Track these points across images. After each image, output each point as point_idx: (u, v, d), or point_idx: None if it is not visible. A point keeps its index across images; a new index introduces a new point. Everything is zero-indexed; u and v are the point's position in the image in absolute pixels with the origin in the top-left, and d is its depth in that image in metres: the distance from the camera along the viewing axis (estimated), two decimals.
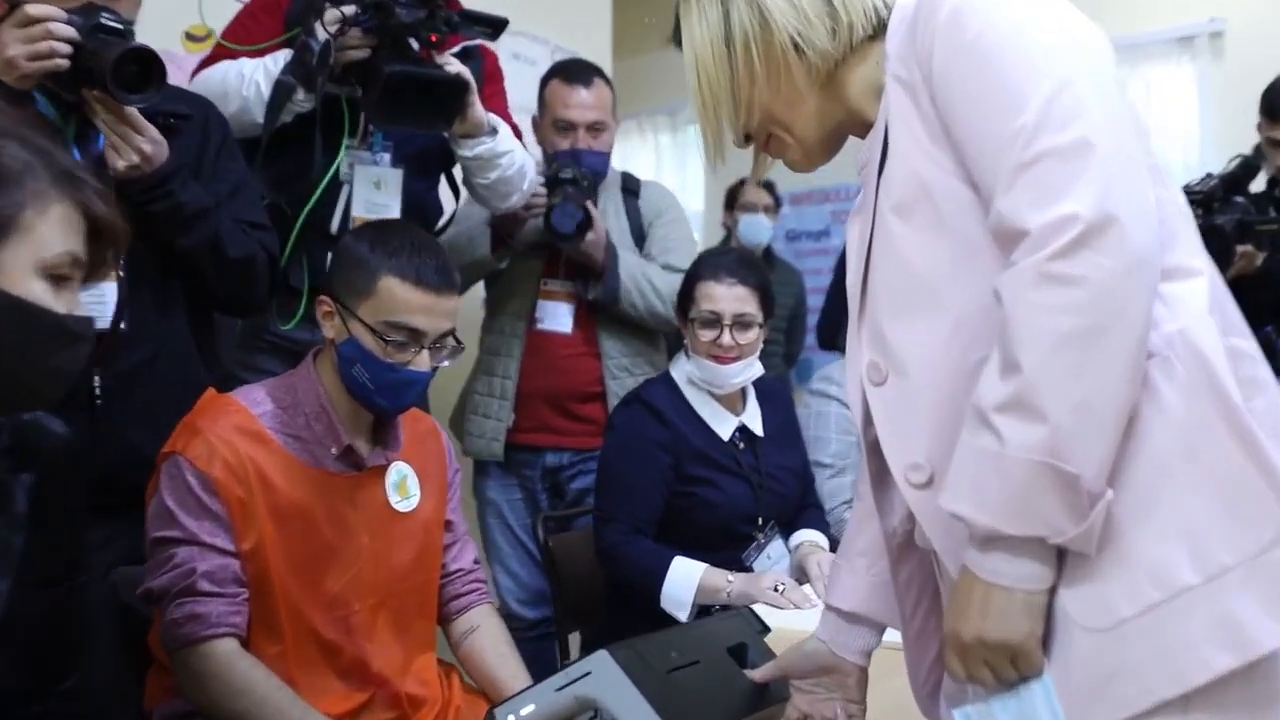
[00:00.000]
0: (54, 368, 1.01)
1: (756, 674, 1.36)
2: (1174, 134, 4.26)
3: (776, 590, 2.02)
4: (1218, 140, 3.93)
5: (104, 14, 1.64)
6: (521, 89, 3.01)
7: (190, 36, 2.77)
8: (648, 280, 2.61)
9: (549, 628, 2.56)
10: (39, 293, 0.99)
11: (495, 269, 2.71)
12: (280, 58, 2.14)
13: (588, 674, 1.27)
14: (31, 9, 1.58)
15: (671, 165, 5.78)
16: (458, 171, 2.43)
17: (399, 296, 1.60)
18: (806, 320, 4.26)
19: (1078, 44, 0.97)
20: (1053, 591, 0.94)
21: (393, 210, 2.26)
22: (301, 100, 2.13)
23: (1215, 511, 0.90)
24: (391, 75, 2.02)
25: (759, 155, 1.24)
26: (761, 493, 2.22)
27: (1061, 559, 0.94)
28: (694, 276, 2.25)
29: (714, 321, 2.19)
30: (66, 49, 1.60)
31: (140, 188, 1.71)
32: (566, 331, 2.67)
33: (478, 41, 2.32)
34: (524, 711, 1.32)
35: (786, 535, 2.27)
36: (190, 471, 1.55)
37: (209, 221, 1.80)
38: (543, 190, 2.54)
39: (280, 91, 2.12)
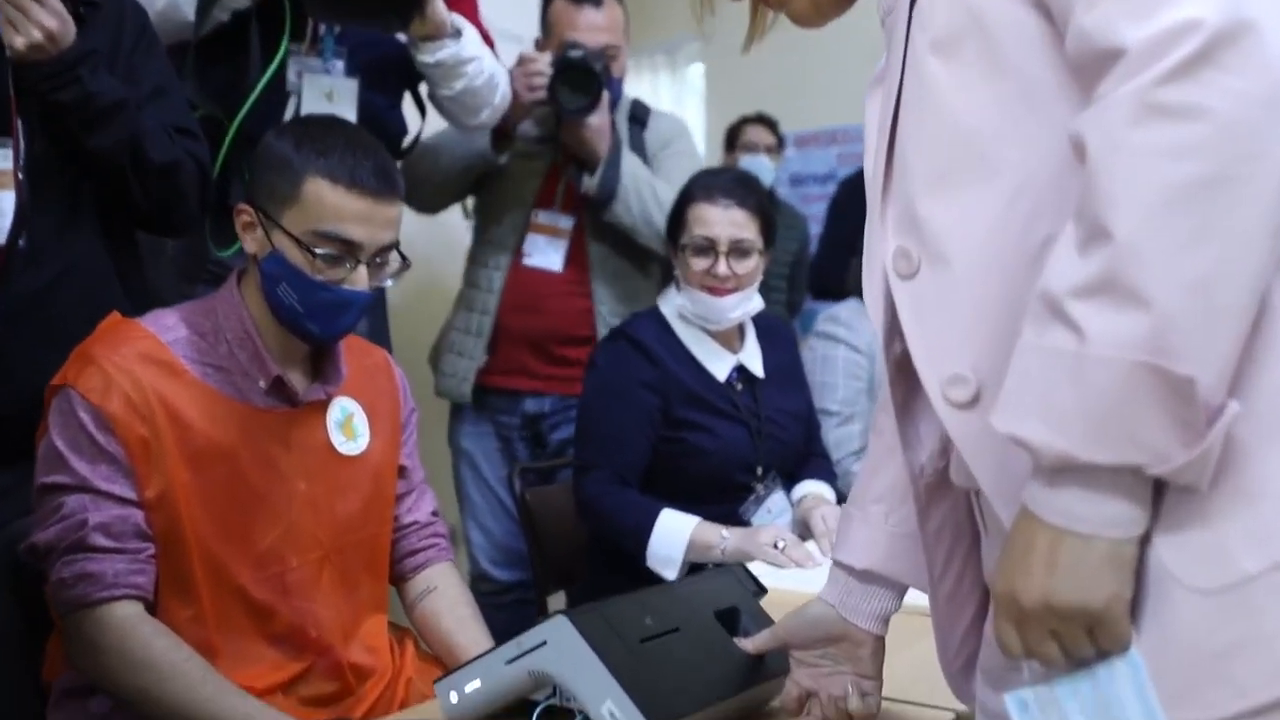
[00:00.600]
0: None
1: (749, 643, 1.14)
2: None
3: (776, 547, 1.82)
4: None
5: None
6: (508, 8, 2.79)
7: None
8: (649, 185, 2.42)
9: (526, 592, 2.38)
10: None
11: (495, 166, 2.48)
12: None
13: (543, 644, 1.05)
14: None
15: (670, 105, 5.57)
16: (424, 87, 2.22)
17: (329, 202, 1.37)
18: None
19: None
20: (1146, 541, 0.71)
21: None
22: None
23: None
24: None
25: (756, 9, 1.00)
26: (760, 439, 2.02)
27: (1159, 497, 0.70)
28: (686, 198, 2.03)
29: (708, 248, 1.97)
30: None
31: (44, 72, 1.52)
32: (556, 270, 2.48)
33: None
34: (468, 688, 1.11)
35: (788, 487, 2.08)
36: (83, 407, 1.32)
37: (125, 118, 1.60)
38: (546, 70, 2.34)
39: None
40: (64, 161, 1.59)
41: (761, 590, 1.28)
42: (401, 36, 2.10)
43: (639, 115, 2.59)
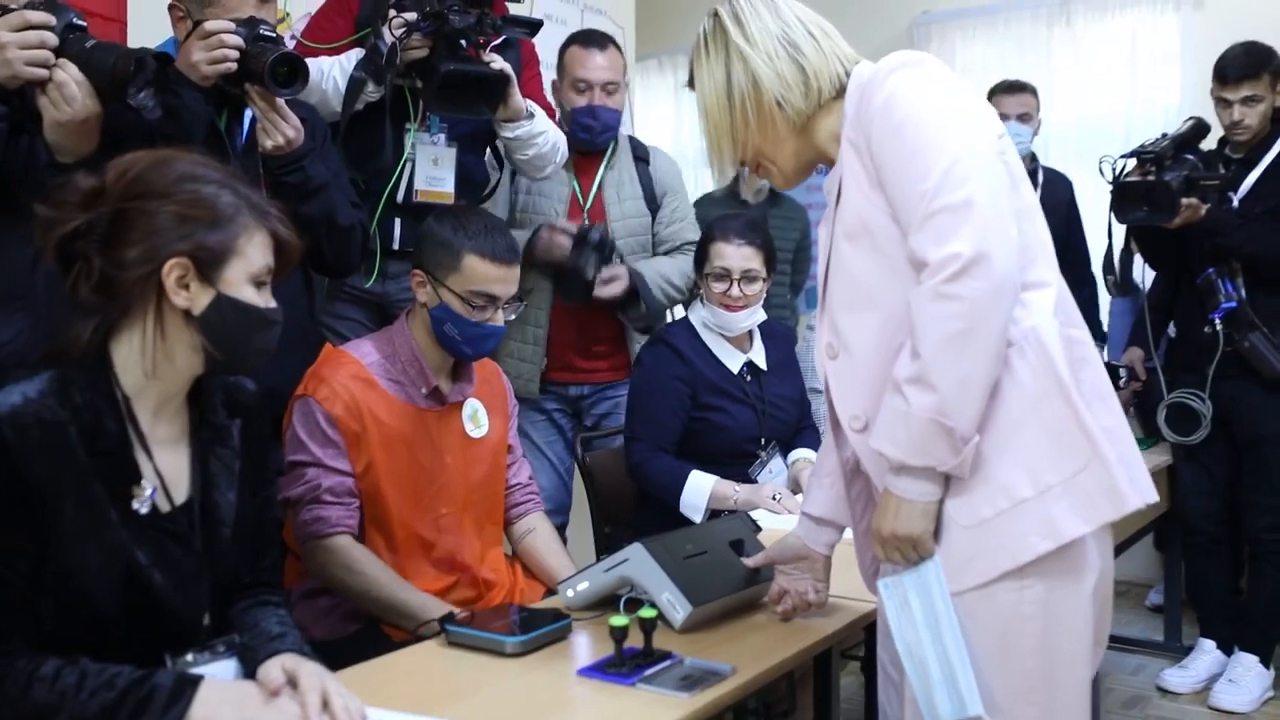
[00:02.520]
0: (261, 347, 1.46)
1: (750, 561, 1.83)
2: (1157, 83, 4.56)
3: (774, 499, 2.48)
4: (1197, 89, 4.22)
5: (262, 25, 2.06)
6: (555, 47, 3.36)
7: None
8: (669, 283, 3.00)
9: (564, 533, 2.98)
10: (251, 296, 1.42)
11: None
12: (353, 56, 2.52)
13: (626, 560, 1.74)
14: (210, 25, 2.00)
15: (689, 102, 6.03)
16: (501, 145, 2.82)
17: (480, 271, 2.05)
18: (810, 251, 4.61)
19: (968, 128, 1.39)
20: (941, 503, 1.39)
21: (448, 182, 2.66)
22: (371, 92, 2.52)
23: (1047, 450, 1.35)
24: (446, 72, 2.42)
25: (750, 174, 1.66)
26: (764, 418, 2.67)
27: (947, 482, 1.39)
28: (708, 238, 2.67)
29: (725, 276, 2.61)
30: (236, 55, 2.00)
31: (280, 163, 2.11)
32: None
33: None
34: (579, 587, 1.80)
35: (785, 453, 2.72)
36: (318, 410, 2.02)
37: (326, 195, 2.21)
38: (567, 239, 2.90)
39: (354, 86, 2.50)
40: None
41: (758, 529, 1.97)
42: None
43: (640, 154, 3.13)
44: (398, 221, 2.62)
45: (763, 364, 2.73)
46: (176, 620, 1.41)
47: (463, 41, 2.47)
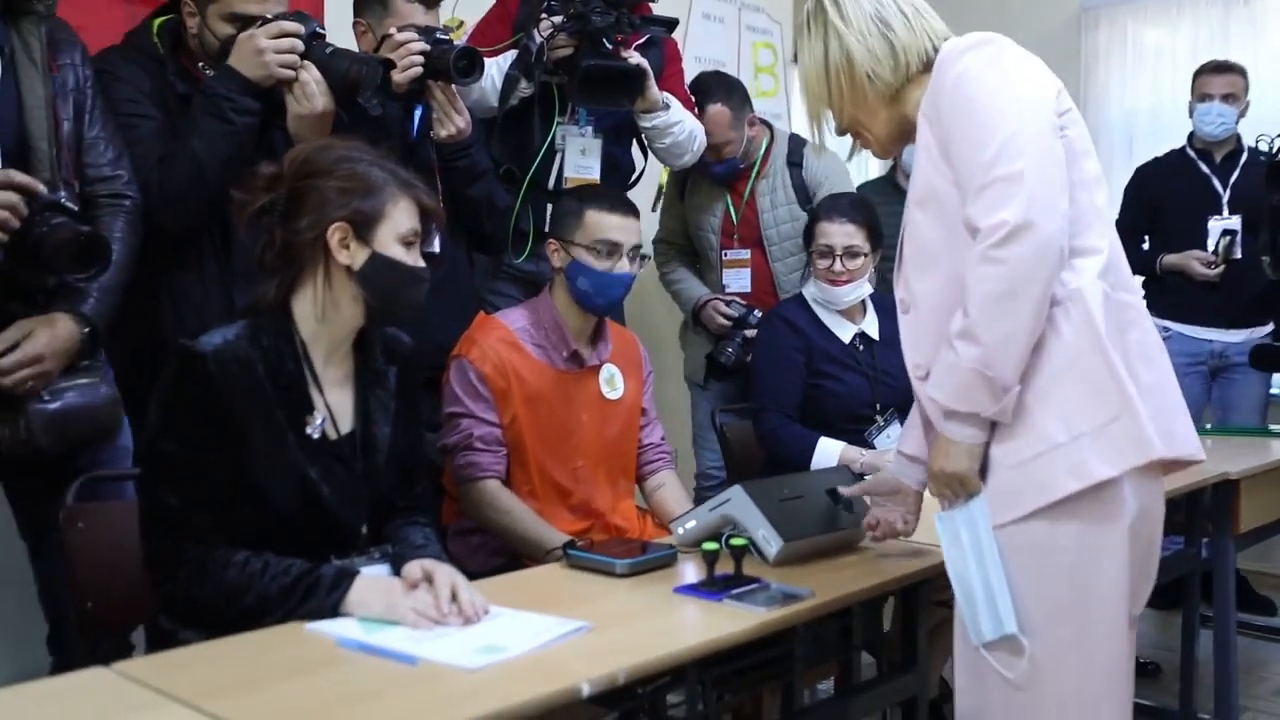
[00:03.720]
0: (411, 300, 1.74)
1: (846, 490, 2.00)
2: None
3: None
4: None
5: (437, 31, 2.42)
6: (712, 44, 3.58)
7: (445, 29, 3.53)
8: None
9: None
10: (400, 254, 1.71)
11: None
12: (509, 57, 2.83)
13: (728, 500, 1.94)
14: (398, 36, 2.36)
15: None
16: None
17: (600, 220, 2.33)
18: None
19: (1029, 105, 1.52)
20: (989, 446, 1.54)
21: (594, 170, 2.93)
22: (524, 88, 2.82)
23: (1082, 400, 1.49)
24: (588, 67, 2.70)
25: (853, 143, 1.83)
26: (877, 385, 2.83)
27: (994, 428, 1.54)
28: (814, 217, 2.88)
29: (828, 253, 2.80)
30: (421, 60, 2.35)
31: (452, 150, 2.49)
32: (747, 290, 3.37)
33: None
34: (689, 525, 2.02)
35: (903, 418, 2.83)
36: (471, 370, 2.31)
37: (489, 178, 2.56)
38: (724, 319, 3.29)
39: (509, 83, 2.81)
40: (449, 203, 2.52)
41: (860, 478, 2.14)
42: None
43: (794, 159, 3.38)
44: (549, 207, 2.90)
45: (875, 334, 2.88)
46: (339, 527, 1.71)
47: (604, 40, 2.73)
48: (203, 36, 2.23)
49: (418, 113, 2.55)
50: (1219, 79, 3.81)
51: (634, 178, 3.14)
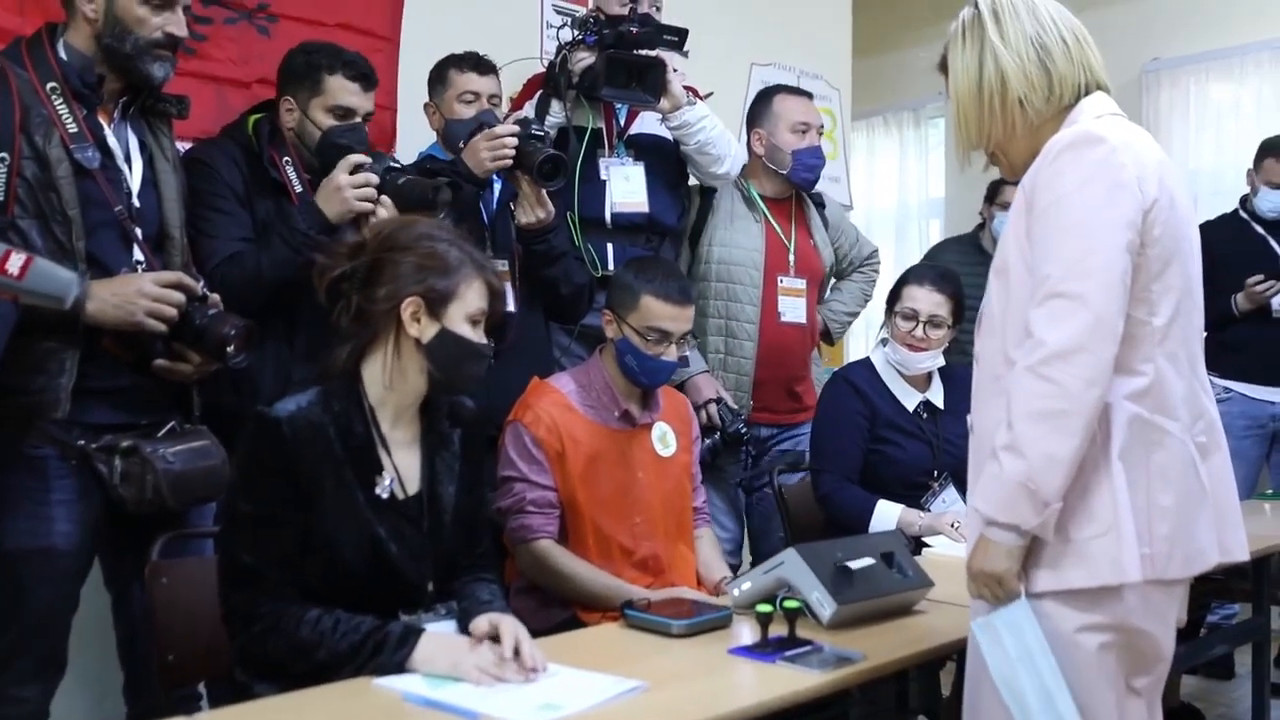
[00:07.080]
0: (472, 374, 1.82)
1: (911, 530, 2.06)
2: None
3: (953, 526, 2.62)
4: None
5: (532, 125, 2.58)
6: None
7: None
8: (848, 312, 3.56)
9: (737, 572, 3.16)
10: (467, 331, 1.79)
11: None
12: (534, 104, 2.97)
13: (783, 563, 1.98)
14: (499, 129, 2.54)
15: (915, 156, 6.27)
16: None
17: (654, 310, 2.38)
18: None
19: (1108, 225, 1.51)
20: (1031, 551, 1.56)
21: (640, 195, 3.02)
22: (556, 111, 2.92)
23: (1076, 510, 1.53)
24: (612, 54, 2.86)
25: (988, 162, 1.80)
26: (938, 453, 2.84)
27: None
28: (903, 280, 2.91)
29: (913, 317, 2.83)
30: (512, 153, 2.51)
31: (533, 234, 2.64)
32: (803, 322, 3.24)
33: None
34: (744, 586, 2.04)
35: (961, 485, 2.84)
36: (526, 433, 2.38)
37: (567, 260, 2.71)
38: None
39: (540, 106, 2.93)
40: (524, 277, 2.69)
41: (920, 547, 2.15)
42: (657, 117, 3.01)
43: (817, 199, 3.38)
44: (609, 246, 2.99)
45: (940, 404, 2.90)
46: (407, 584, 1.77)
47: (620, 42, 2.86)
48: (301, 129, 2.42)
49: (497, 186, 2.67)
50: None
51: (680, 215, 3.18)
